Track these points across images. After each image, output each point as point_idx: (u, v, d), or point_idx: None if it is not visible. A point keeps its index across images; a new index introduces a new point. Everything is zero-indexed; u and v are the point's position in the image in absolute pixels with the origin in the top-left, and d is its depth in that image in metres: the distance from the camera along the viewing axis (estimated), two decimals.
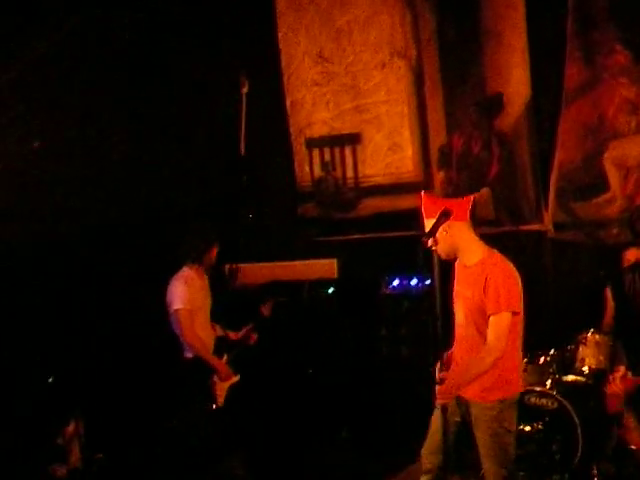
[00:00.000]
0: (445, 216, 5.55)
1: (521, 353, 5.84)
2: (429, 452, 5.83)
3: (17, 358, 7.98)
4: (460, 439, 5.86)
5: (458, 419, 5.79)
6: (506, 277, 5.59)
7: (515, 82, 9.05)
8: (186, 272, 7.58)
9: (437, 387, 5.57)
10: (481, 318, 5.60)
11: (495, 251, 5.75)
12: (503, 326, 5.52)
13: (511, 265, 5.68)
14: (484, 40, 9.18)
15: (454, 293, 5.82)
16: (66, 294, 8.50)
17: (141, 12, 9.30)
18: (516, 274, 5.65)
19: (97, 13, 8.83)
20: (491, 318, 5.54)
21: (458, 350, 5.79)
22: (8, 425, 7.53)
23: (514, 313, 5.55)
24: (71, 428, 7.75)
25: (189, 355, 7.53)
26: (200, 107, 9.76)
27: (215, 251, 7.67)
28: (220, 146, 9.83)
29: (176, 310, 7.43)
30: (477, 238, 5.76)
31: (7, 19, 8.08)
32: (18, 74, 8.28)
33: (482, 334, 5.60)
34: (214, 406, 7.49)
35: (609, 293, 7.97)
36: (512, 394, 5.73)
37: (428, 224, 5.62)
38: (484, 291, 5.55)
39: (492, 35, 9.13)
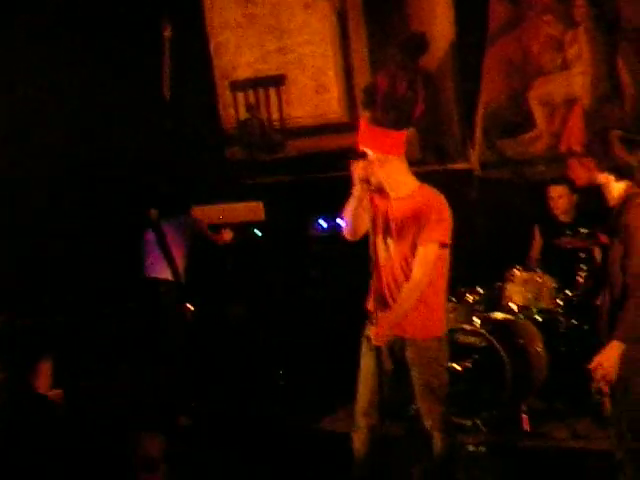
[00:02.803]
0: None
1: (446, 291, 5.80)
2: (364, 412, 5.69)
3: None
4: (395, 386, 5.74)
5: (392, 367, 5.67)
6: (437, 208, 5.47)
7: (439, 21, 9.02)
8: None
9: (372, 329, 5.45)
10: (410, 250, 5.50)
11: (425, 184, 5.62)
12: (430, 258, 5.45)
13: (442, 197, 5.55)
14: None
15: (375, 228, 5.59)
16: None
17: None
18: (447, 206, 5.51)
19: None
20: (419, 248, 5.46)
21: (385, 285, 5.63)
22: None
23: (442, 245, 5.48)
24: None
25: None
26: (123, 53, 9.56)
27: None
28: (145, 92, 9.68)
29: None
30: (409, 171, 5.62)
31: None
32: None
33: (410, 266, 5.51)
34: None
35: (537, 230, 8.13)
36: (444, 331, 5.69)
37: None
38: (416, 221, 5.45)
39: None
